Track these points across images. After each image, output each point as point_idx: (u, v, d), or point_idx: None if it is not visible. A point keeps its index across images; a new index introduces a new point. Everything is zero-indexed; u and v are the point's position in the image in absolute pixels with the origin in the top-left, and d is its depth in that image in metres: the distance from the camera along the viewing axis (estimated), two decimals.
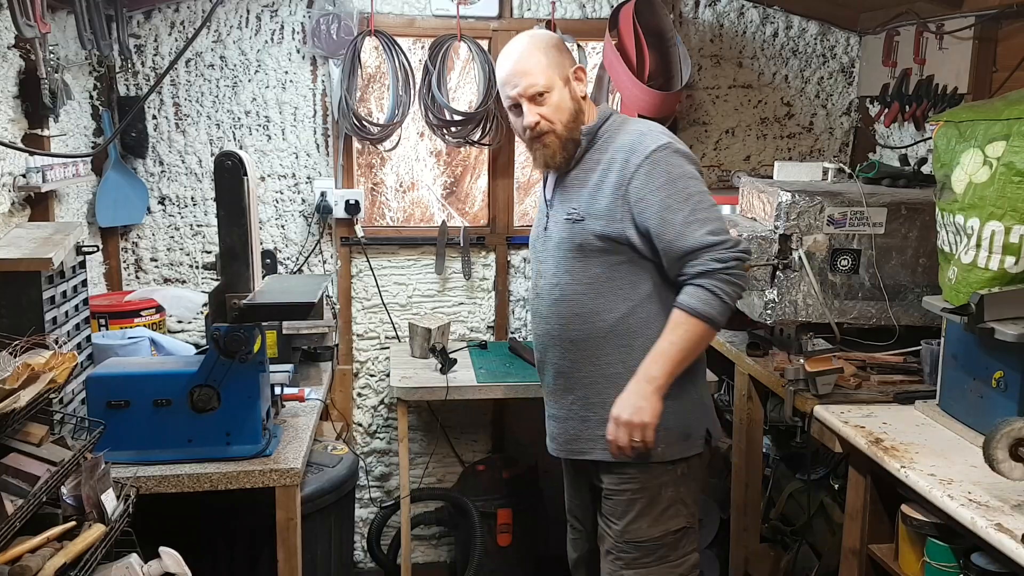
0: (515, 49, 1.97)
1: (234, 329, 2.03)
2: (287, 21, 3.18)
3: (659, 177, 1.89)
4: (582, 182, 1.99)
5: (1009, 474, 1.55)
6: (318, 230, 3.32)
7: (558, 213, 2.01)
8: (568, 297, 2.00)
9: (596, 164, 1.97)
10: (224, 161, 2.01)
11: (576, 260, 1.98)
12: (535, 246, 2.12)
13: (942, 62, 2.88)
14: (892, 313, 2.46)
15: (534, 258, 2.12)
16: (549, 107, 1.94)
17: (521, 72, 1.94)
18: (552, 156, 1.97)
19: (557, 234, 2.01)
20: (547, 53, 1.95)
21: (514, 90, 1.95)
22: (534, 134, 1.96)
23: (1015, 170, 1.81)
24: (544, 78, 1.93)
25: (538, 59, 1.94)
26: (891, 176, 2.67)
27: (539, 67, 1.93)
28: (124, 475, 1.98)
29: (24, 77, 2.46)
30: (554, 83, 1.94)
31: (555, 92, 1.94)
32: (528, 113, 1.94)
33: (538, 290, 2.08)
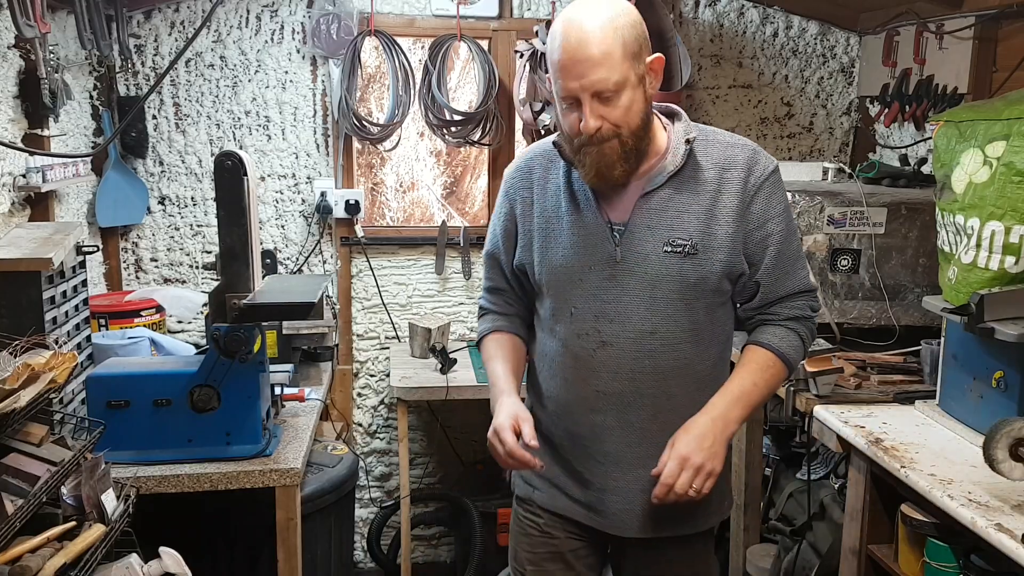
0: (586, 27, 1.46)
1: (234, 329, 2.03)
2: (287, 21, 3.18)
3: (779, 203, 1.60)
4: (685, 204, 1.56)
5: (1009, 474, 1.55)
6: (318, 230, 3.32)
7: (645, 242, 1.57)
8: (670, 348, 1.59)
9: (700, 182, 1.57)
10: (224, 161, 2.01)
11: (682, 302, 1.58)
12: (584, 280, 1.61)
13: (942, 62, 2.88)
14: (892, 313, 2.46)
15: (587, 295, 1.61)
16: (617, 109, 1.49)
17: (590, 61, 1.45)
18: (610, 166, 1.52)
19: (650, 270, 1.57)
20: (626, 39, 1.47)
21: (576, 82, 1.47)
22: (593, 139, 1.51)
23: (1015, 170, 1.81)
24: (619, 73, 1.46)
25: (614, 46, 1.45)
26: (891, 176, 2.67)
27: (614, 58, 1.45)
28: (124, 475, 1.98)
29: (24, 77, 2.46)
30: (628, 80, 1.48)
31: (627, 91, 1.48)
32: (589, 114, 1.48)
33: (604, 337, 1.60)
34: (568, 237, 1.62)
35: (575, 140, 1.53)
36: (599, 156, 1.52)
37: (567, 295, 1.63)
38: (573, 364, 1.63)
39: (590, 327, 1.61)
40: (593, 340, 1.61)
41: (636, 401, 1.61)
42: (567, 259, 1.62)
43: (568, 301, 1.63)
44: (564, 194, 1.64)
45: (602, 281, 1.59)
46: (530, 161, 1.72)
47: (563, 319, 1.64)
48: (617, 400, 1.61)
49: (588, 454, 1.66)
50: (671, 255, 1.56)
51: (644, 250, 1.57)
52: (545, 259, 1.65)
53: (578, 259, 1.61)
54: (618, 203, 1.60)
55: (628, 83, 1.48)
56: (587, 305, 1.61)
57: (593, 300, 1.60)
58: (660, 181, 1.57)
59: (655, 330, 1.58)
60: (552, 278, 1.65)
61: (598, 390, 1.62)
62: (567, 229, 1.62)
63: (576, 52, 1.46)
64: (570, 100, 1.51)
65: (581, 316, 1.61)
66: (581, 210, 1.61)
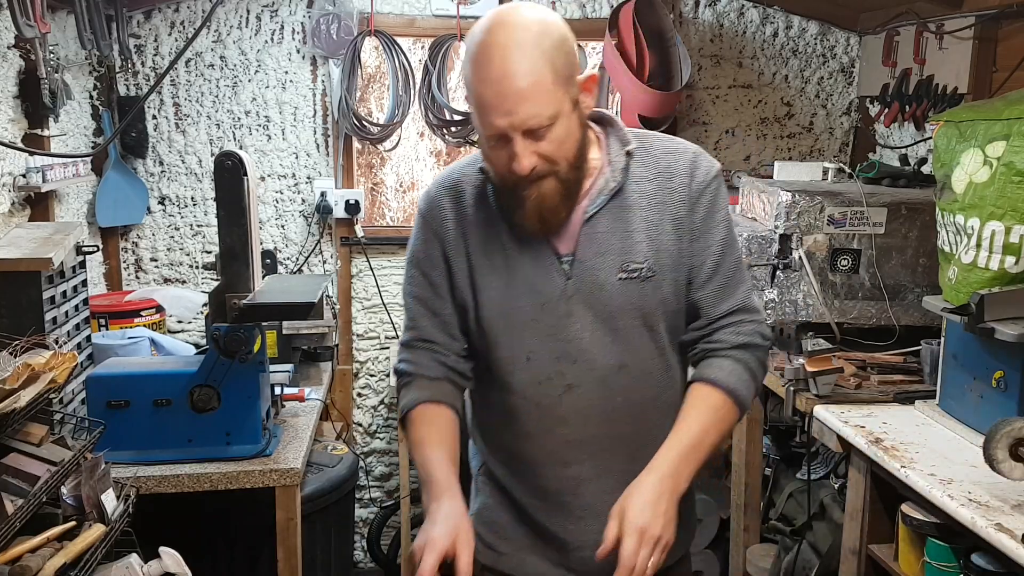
0: (509, 54, 1.26)
1: (234, 329, 2.03)
2: (287, 21, 3.18)
3: (720, 211, 1.45)
4: (632, 223, 1.41)
5: (1009, 474, 1.54)
6: (318, 230, 3.32)
7: (598, 271, 1.40)
8: (641, 380, 1.44)
9: (643, 195, 1.41)
10: (224, 161, 2.01)
11: (646, 329, 1.43)
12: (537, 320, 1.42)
13: (942, 62, 2.88)
14: (892, 313, 2.46)
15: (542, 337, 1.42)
16: (552, 143, 1.30)
17: (518, 96, 1.26)
18: (553, 210, 1.36)
19: (608, 300, 1.41)
20: (556, 63, 1.28)
21: (504, 119, 1.27)
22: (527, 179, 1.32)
23: (1015, 170, 1.81)
24: (552, 106, 1.28)
25: (544, 74, 1.26)
26: (891, 176, 2.67)
27: (545, 87, 1.27)
28: (124, 475, 1.98)
29: (24, 77, 2.46)
30: (562, 110, 1.30)
31: (561, 121, 1.30)
32: (522, 154, 1.29)
33: (568, 380, 1.42)
34: (513, 273, 1.42)
35: (507, 178, 1.34)
36: (539, 200, 1.34)
37: (519, 339, 1.43)
38: (537, 415, 1.44)
39: (551, 371, 1.42)
40: (556, 385, 1.42)
41: (613, 445, 1.45)
42: (516, 299, 1.42)
43: (522, 346, 1.43)
44: (501, 223, 1.42)
45: (558, 319, 1.41)
46: (456, 185, 1.48)
47: (518, 366, 1.44)
48: (592, 447, 1.45)
49: (564, 511, 1.48)
50: (628, 281, 1.40)
51: (598, 280, 1.40)
52: (489, 300, 1.44)
53: (528, 298, 1.41)
54: (562, 230, 1.41)
55: (562, 113, 1.30)
56: (544, 347, 1.42)
57: (551, 341, 1.42)
58: (602, 202, 1.40)
59: (623, 364, 1.43)
60: (500, 321, 1.44)
61: (569, 440, 1.44)
62: (511, 264, 1.42)
63: (500, 86, 1.26)
64: (496, 138, 1.31)
65: (539, 361, 1.42)
66: (524, 241, 1.41)
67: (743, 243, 2.49)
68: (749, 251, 2.48)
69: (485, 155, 1.39)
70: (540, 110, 1.27)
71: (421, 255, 1.50)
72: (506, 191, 1.37)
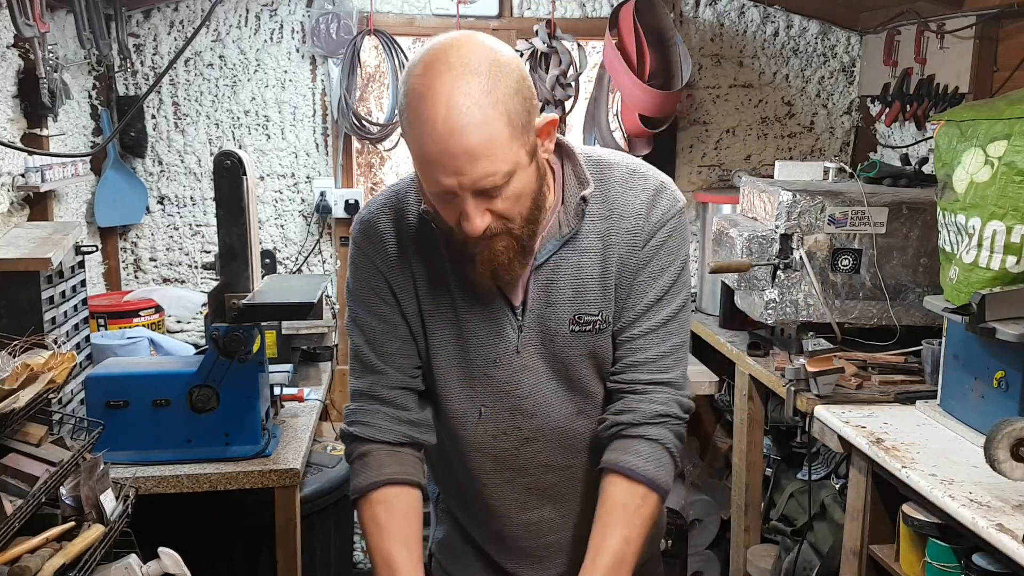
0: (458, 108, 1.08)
1: (233, 329, 2.03)
2: (286, 20, 3.17)
3: (672, 251, 1.30)
4: (582, 268, 1.28)
5: (1010, 474, 1.54)
6: (317, 230, 3.31)
7: (547, 322, 1.29)
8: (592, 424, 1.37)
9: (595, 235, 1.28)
10: (223, 160, 2.01)
11: (598, 376, 1.35)
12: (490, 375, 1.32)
13: (943, 61, 2.88)
14: (893, 313, 2.45)
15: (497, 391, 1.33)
16: (507, 201, 1.15)
17: (469, 155, 1.09)
18: (505, 267, 1.22)
19: (559, 353, 1.31)
20: (511, 112, 1.11)
21: (452, 179, 1.11)
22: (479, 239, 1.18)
23: (1016, 169, 1.80)
24: (507, 162, 1.12)
25: (498, 127, 1.09)
26: (892, 176, 2.66)
27: (500, 143, 1.10)
28: (123, 475, 1.98)
29: (23, 76, 2.46)
30: (519, 163, 1.14)
31: (518, 177, 1.15)
32: (473, 215, 1.14)
33: (525, 434, 1.34)
34: (464, 324, 1.30)
35: (455, 234, 1.20)
36: (491, 256, 1.20)
37: (471, 393, 1.33)
38: (494, 467, 1.37)
39: (507, 426, 1.34)
40: (513, 439, 1.35)
41: (574, 488, 1.40)
42: (467, 351, 1.31)
43: (474, 400, 1.34)
44: (450, 266, 1.29)
45: (511, 374, 1.31)
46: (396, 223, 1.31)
47: (469, 421, 1.35)
48: (553, 493, 1.40)
49: (525, 553, 1.43)
50: (580, 334, 1.30)
51: (549, 330, 1.30)
52: (440, 351, 1.32)
53: (480, 351, 1.30)
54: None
55: (519, 167, 1.14)
56: (499, 403, 1.33)
57: (505, 397, 1.32)
58: (553, 247, 1.27)
59: (580, 410, 1.35)
60: (453, 374, 1.33)
61: (529, 488, 1.39)
62: (460, 313, 1.30)
63: (448, 144, 1.08)
64: (443, 195, 1.15)
65: (493, 416, 1.34)
66: (473, 289, 1.28)
67: (744, 243, 2.49)
68: (750, 251, 2.48)
69: (429, 208, 1.23)
70: (494, 168, 1.11)
71: (365, 290, 1.34)
72: (455, 243, 1.23)
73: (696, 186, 3.49)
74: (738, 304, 2.74)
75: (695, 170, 3.50)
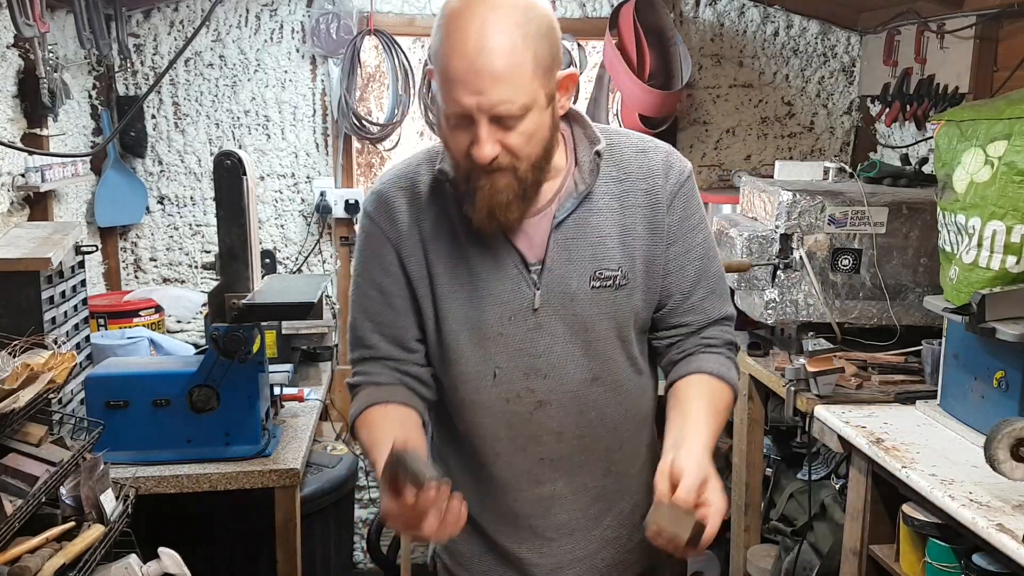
0: (490, 31, 1.15)
1: (233, 329, 2.03)
2: (286, 20, 3.17)
3: (696, 211, 1.38)
4: (603, 227, 1.32)
5: (1010, 474, 1.54)
6: (317, 230, 3.31)
7: (569, 280, 1.32)
8: (614, 393, 1.38)
9: (613, 197, 1.33)
10: (223, 160, 2.01)
11: (618, 340, 1.36)
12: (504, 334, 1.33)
13: (943, 61, 2.88)
14: (893, 313, 2.45)
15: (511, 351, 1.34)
16: (519, 135, 1.20)
17: (493, 77, 1.15)
18: (503, 207, 1.24)
19: (580, 311, 1.33)
20: (538, 52, 1.18)
21: (472, 99, 1.16)
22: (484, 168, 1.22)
23: (1016, 169, 1.80)
24: (526, 95, 1.18)
25: (524, 60, 1.16)
26: (892, 176, 2.66)
27: (523, 75, 1.17)
28: (123, 475, 1.98)
29: (23, 76, 2.46)
30: (536, 102, 1.20)
31: (532, 115, 1.20)
32: (485, 140, 1.18)
33: (539, 396, 1.34)
34: (477, 284, 1.32)
35: (461, 164, 1.24)
36: (491, 193, 1.23)
37: (485, 354, 1.34)
38: (506, 434, 1.37)
39: (520, 388, 1.34)
40: (527, 402, 1.35)
41: (588, 461, 1.39)
42: (481, 311, 1.32)
43: (488, 362, 1.34)
44: (461, 228, 1.32)
45: (526, 332, 1.32)
46: (409, 190, 1.36)
47: (484, 384, 1.35)
48: (566, 464, 1.39)
49: (535, 533, 1.42)
50: (601, 290, 1.32)
51: (570, 289, 1.32)
52: (452, 313, 1.34)
53: (494, 309, 1.32)
54: (528, 236, 1.32)
55: (535, 105, 1.19)
56: (512, 363, 1.33)
57: (519, 356, 1.33)
58: (571, 206, 1.31)
59: (596, 376, 1.36)
60: (464, 335, 1.34)
61: (542, 458, 1.38)
62: (475, 273, 1.32)
63: (475, 62, 1.15)
64: (460, 118, 1.20)
65: (507, 377, 1.34)
66: (488, 248, 1.31)
67: (744, 243, 2.49)
68: (750, 251, 2.48)
69: (443, 135, 1.27)
70: (513, 97, 1.17)
71: (371, 262, 1.37)
72: (459, 178, 1.27)
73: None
74: (738, 304, 2.74)
75: (695, 170, 3.48)
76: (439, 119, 1.25)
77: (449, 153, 1.27)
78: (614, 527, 1.45)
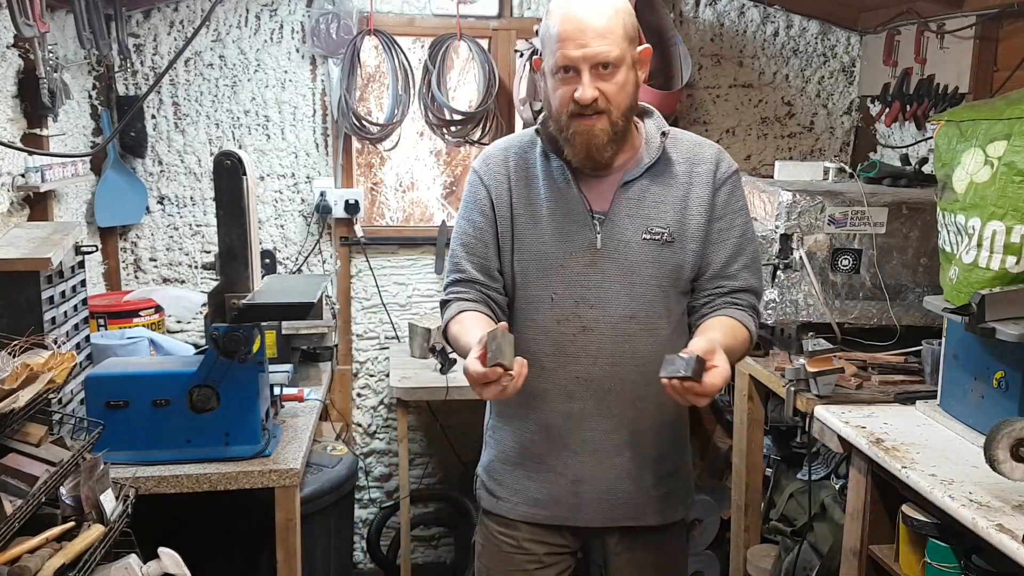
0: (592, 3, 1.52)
1: (233, 329, 2.03)
2: (286, 20, 3.17)
3: (740, 199, 1.68)
4: (661, 194, 1.62)
5: (1010, 474, 1.54)
6: (317, 230, 3.31)
7: (625, 230, 1.61)
8: (648, 332, 1.63)
9: (673, 174, 1.64)
10: (223, 161, 2.01)
11: (659, 288, 1.63)
12: (564, 266, 1.62)
13: (943, 61, 2.88)
14: (893, 313, 2.45)
15: (567, 281, 1.63)
16: (613, 85, 1.52)
17: (594, 31, 1.49)
18: (600, 147, 1.56)
19: (630, 256, 1.61)
20: (625, 22, 1.54)
21: (579, 50, 1.49)
22: (585, 111, 1.53)
23: (1016, 170, 1.81)
24: (619, 49, 1.51)
25: (616, 23, 1.51)
26: (892, 176, 2.66)
27: (616, 34, 1.51)
28: (123, 475, 1.98)
29: (23, 76, 2.46)
30: (625, 58, 1.53)
31: (623, 69, 1.53)
32: (587, 85, 1.50)
33: (584, 322, 1.62)
34: (549, 224, 1.63)
35: (565, 112, 1.55)
36: (589, 136, 1.55)
37: (547, 282, 1.64)
38: (552, 351, 1.63)
39: (570, 313, 1.62)
40: (574, 326, 1.63)
41: (616, 387, 1.63)
42: (548, 245, 1.63)
43: (548, 288, 1.63)
44: (544, 182, 1.65)
45: (583, 267, 1.62)
46: (506, 150, 1.71)
47: (542, 306, 1.64)
48: (596, 386, 1.63)
49: (563, 444, 1.67)
50: (650, 242, 1.62)
51: (625, 237, 1.61)
52: (525, 246, 1.65)
53: (559, 245, 1.62)
54: (598, 192, 1.63)
55: (625, 61, 1.53)
56: (567, 291, 1.62)
57: (574, 286, 1.62)
58: (638, 172, 1.62)
59: (634, 315, 1.62)
60: (532, 265, 1.65)
61: (578, 376, 1.63)
62: (548, 216, 1.64)
63: (581, 22, 1.50)
64: (568, 70, 1.52)
65: (561, 302, 1.63)
66: (562, 197, 1.63)
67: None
68: None
69: (548, 101, 1.60)
70: (611, 49, 1.50)
71: (470, 204, 1.71)
72: (560, 129, 1.58)
73: None
74: None
75: None
76: (546, 89, 1.60)
77: (552, 108, 1.59)
78: (634, 462, 1.67)
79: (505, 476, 1.74)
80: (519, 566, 1.73)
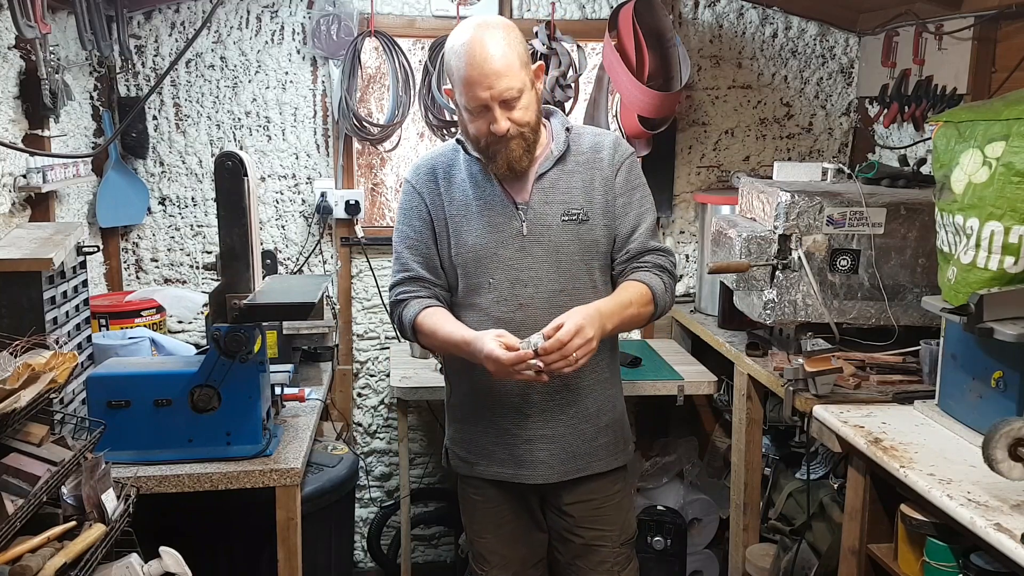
0: (488, 44, 1.77)
1: (234, 329, 2.04)
2: (287, 22, 3.18)
3: (638, 176, 1.99)
4: (571, 180, 1.93)
5: (1008, 474, 1.55)
6: (318, 230, 3.32)
7: (546, 215, 1.91)
8: (577, 301, 1.86)
9: (579, 162, 1.95)
10: (224, 161, 2.01)
11: (582, 262, 1.93)
12: (498, 254, 1.91)
13: (941, 62, 2.89)
14: (891, 313, 2.46)
15: (503, 267, 1.92)
16: (520, 110, 1.81)
17: (498, 73, 1.76)
18: (518, 159, 1.86)
19: (554, 238, 1.91)
20: (519, 51, 1.80)
21: (486, 92, 1.77)
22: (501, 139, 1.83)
23: (1014, 170, 1.81)
24: (519, 80, 1.79)
25: (512, 58, 1.78)
26: (890, 176, 2.67)
27: (514, 68, 1.78)
28: (124, 475, 1.99)
29: (24, 78, 2.47)
30: (526, 84, 1.82)
31: (526, 94, 1.82)
32: (500, 118, 1.80)
33: (520, 300, 1.91)
34: (479, 219, 1.92)
35: (482, 141, 1.85)
36: (508, 153, 1.84)
37: (484, 269, 1.92)
38: (496, 328, 1.84)
39: (507, 293, 1.91)
40: (512, 304, 1.92)
41: None
42: (482, 237, 1.92)
43: (486, 274, 1.92)
44: (470, 183, 1.94)
45: (514, 253, 1.91)
46: (432, 161, 2.00)
47: (483, 290, 1.93)
48: None
49: (516, 409, 1.96)
50: (569, 223, 1.92)
51: (546, 222, 1.91)
52: (461, 240, 1.93)
53: (491, 236, 1.91)
54: (518, 186, 1.93)
55: (526, 87, 1.82)
56: (504, 275, 1.91)
57: (509, 270, 1.91)
58: (549, 165, 1.93)
59: (563, 288, 1.92)
60: (470, 256, 1.93)
61: None
62: (478, 212, 1.93)
63: (482, 67, 1.77)
64: (479, 108, 1.81)
65: (499, 285, 1.92)
66: (488, 194, 1.93)
67: (742, 243, 2.50)
68: (748, 252, 2.48)
69: (465, 127, 1.88)
70: (512, 84, 1.79)
71: (408, 209, 1.99)
72: (481, 151, 1.89)
73: (695, 187, 3.50)
74: (737, 304, 2.75)
75: (694, 171, 3.50)
76: (461, 116, 1.88)
77: (471, 137, 1.88)
78: (579, 419, 1.98)
79: (476, 444, 2.02)
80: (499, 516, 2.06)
